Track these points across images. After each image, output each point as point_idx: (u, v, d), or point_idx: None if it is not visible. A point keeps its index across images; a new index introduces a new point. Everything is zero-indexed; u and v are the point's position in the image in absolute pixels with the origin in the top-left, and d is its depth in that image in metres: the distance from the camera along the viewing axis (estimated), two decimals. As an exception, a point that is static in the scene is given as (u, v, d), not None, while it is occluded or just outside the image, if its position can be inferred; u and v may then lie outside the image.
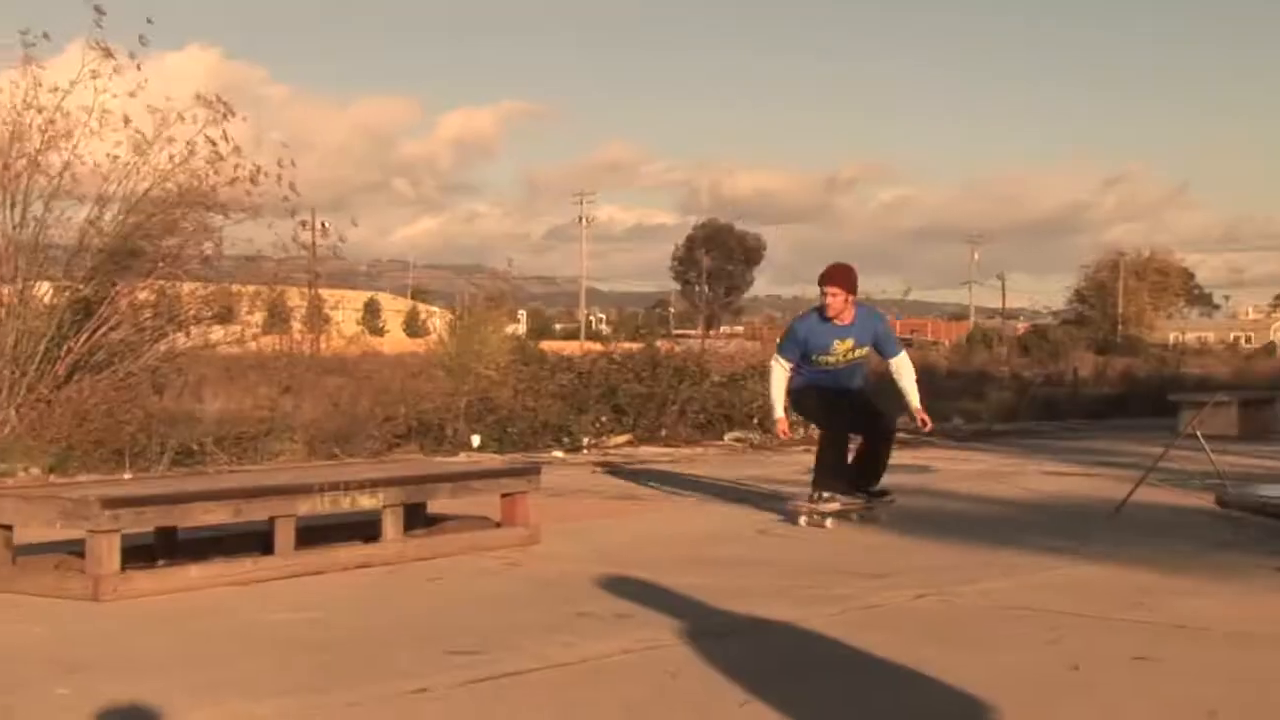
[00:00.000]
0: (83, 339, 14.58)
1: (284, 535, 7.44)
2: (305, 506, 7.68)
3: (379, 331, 72.48)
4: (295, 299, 25.64)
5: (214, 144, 15.18)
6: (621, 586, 7.19)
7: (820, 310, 9.89)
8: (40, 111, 14.60)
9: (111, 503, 6.87)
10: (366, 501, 7.98)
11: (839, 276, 9.86)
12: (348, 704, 4.86)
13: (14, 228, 14.62)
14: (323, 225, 27.54)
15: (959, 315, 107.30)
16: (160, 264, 15.49)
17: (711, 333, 75.39)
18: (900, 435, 19.14)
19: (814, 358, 9.94)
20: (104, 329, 14.81)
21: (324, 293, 32.78)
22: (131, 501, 7.08)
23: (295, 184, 15.87)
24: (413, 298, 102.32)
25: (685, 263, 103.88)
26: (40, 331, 14.22)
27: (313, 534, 7.97)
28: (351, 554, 7.92)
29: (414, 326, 79.45)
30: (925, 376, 27.19)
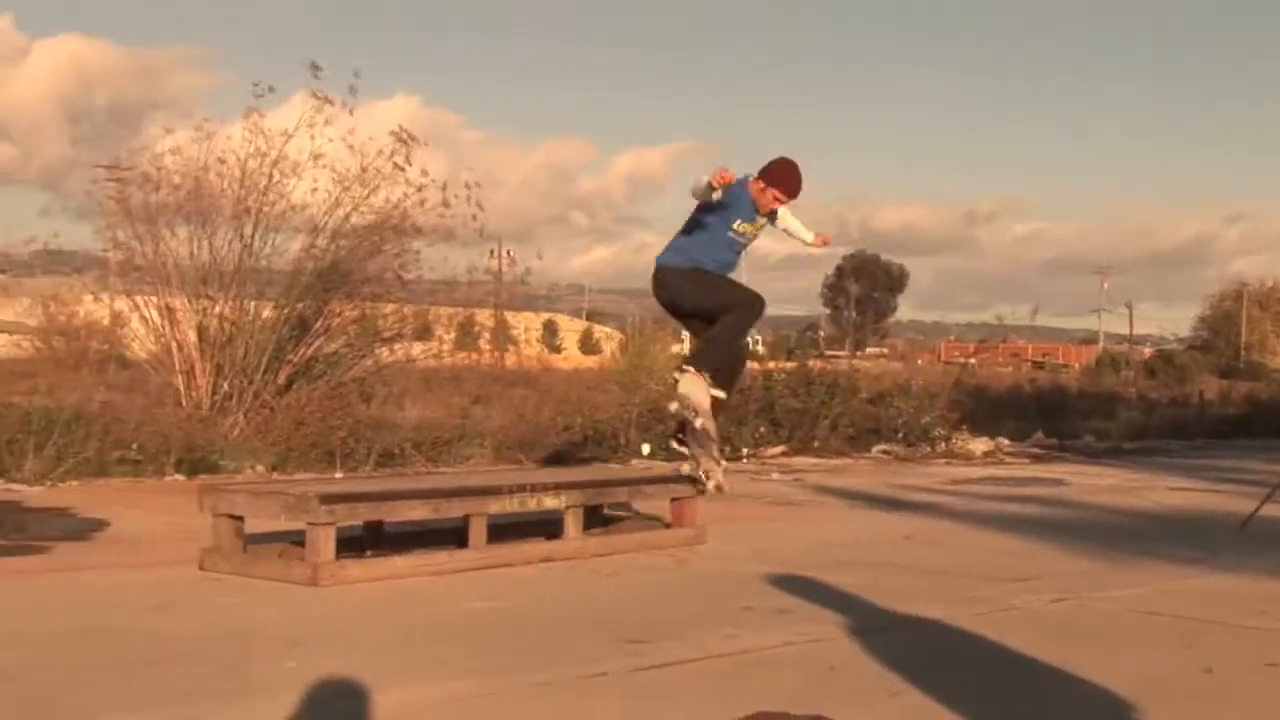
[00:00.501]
0: (300, 352, 14.99)
1: (477, 531, 7.54)
2: (496, 506, 7.77)
3: (557, 349, 73.14)
4: (483, 319, 26.01)
5: (403, 169, 15.47)
6: (781, 584, 7.16)
7: (751, 196, 8.37)
8: (265, 156, 15.06)
9: (328, 499, 7.03)
10: (550, 502, 8.05)
11: (797, 187, 8.47)
12: (536, 684, 4.91)
13: (242, 256, 15.08)
14: (508, 253, 27.78)
15: (1089, 340, 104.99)
16: (365, 285, 15.82)
17: (858, 354, 74.78)
18: (1034, 451, 18.98)
19: (735, 224, 8.38)
20: (318, 343, 15.21)
21: (508, 314, 33.16)
22: (345, 498, 7.24)
23: (484, 210, 16.05)
24: (587, 319, 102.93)
25: (834, 289, 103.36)
26: (264, 346, 14.63)
27: (502, 530, 8.04)
28: (536, 549, 7.99)
29: (589, 345, 79.98)
30: (1058, 396, 26.80)
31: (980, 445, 18.79)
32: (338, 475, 12.38)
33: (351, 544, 7.60)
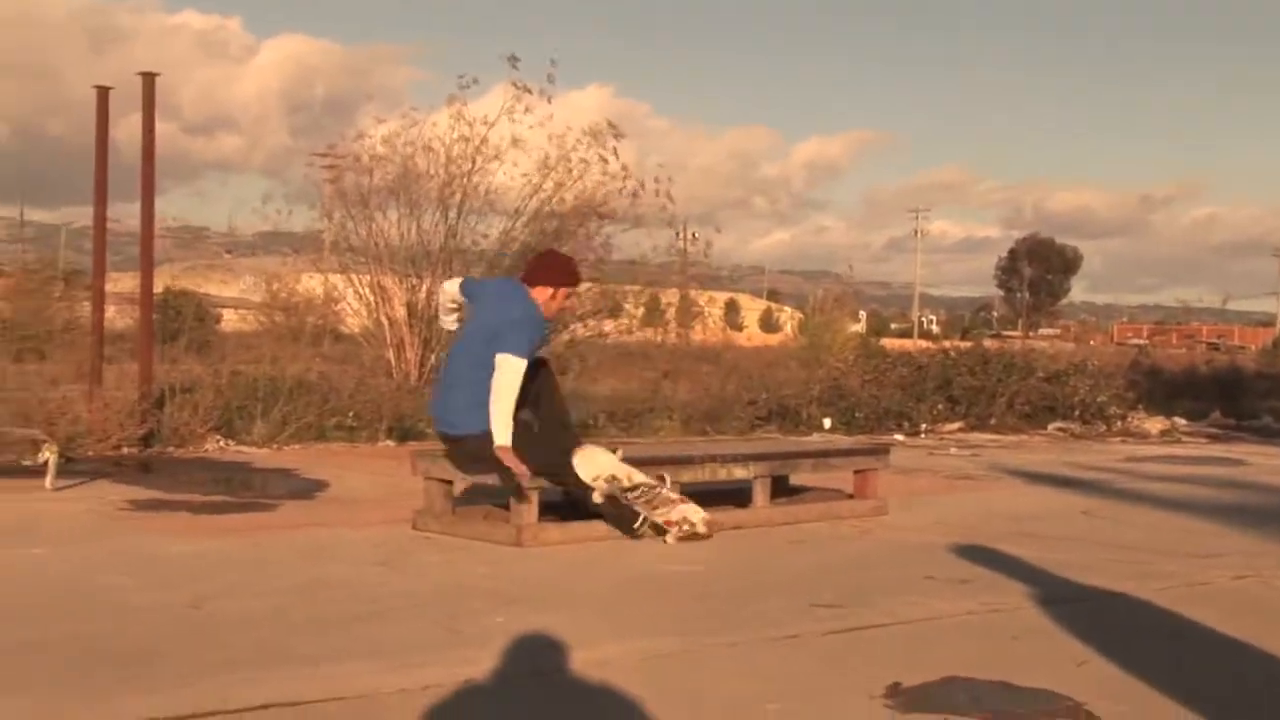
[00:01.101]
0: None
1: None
2: (688, 475, 7.78)
3: (738, 327, 72.97)
4: (669, 297, 26.09)
5: (605, 161, 15.60)
6: (962, 554, 7.05)
7: (536, 305, 7.17)
8: (468, 142, 15.33)
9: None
10: (739, 472, 8.04)
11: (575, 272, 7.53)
12: (729, 644, 4.91)
13: (447, 237, 15.39)
14: (693, 235, 27.81)
15: (1265, 323, 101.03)
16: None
17: (1031, 334, 73.11)
18: (1211, 431, 18.33)
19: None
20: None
21: (693, 293, 33.27)
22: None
23: (672, 197, 16.15)
24: (768, 299, 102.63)
25: (1008, 271, 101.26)
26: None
27: (693, 499, 8.02)
28: (727, 517, 7.98)
29: (769, 323, 79.69)
30: (1234, 377, 25.80)
31: (1156, 424, 18.21)
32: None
33: (551, 509, 7.70)
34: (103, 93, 11.36)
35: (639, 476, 7.20)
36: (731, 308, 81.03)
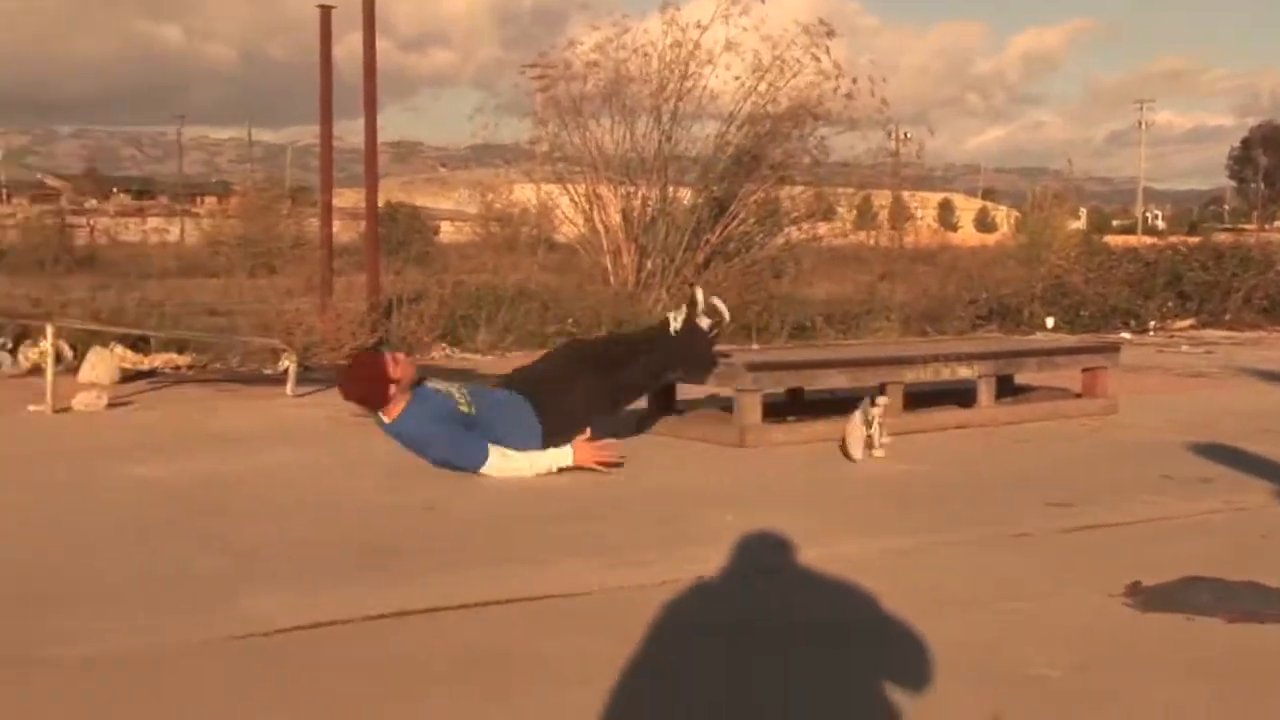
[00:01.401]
0: (716, 233, 15.22)
1: (895, 397, 7.47)
2: (911, 375, 7.71)
3: (953, 227, 71.49)
4: (882, 199, 25.62)
5: (818, 59, 15.33)
6: (1201, 452, 6.82)
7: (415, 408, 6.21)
8: (680, 47, 15.25)
9: (755, 367, 7.15)
10: (964, 372, 7.92)
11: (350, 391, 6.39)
12: (961, 542, 4.87)
13: (661, 143, 15.38)
14: (905, 135, 27.20)
15: None
16: (775, 169, 15.87)
17: (1266, 227, 69.76)
18: None
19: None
20: (733, 224, 15.40)
21: (905, 194, 32.69)
22: (770, 366, 7.35)
23: (888, 104, 15.81)
24: (983, 198, 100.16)
25: (1241, 162, 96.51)
26: (684, 227, 14.96)
27: (913, 400, 7.94)
28: (950, 417, 7.88)
29: (984, 223, 77.91)
30: None
31: None
32: (754, 347, 12.55)
33: (773, 410, 7.70)
34: (325, 11, 11.65)
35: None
36: (946, 208, 79.45)
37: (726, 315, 7.30)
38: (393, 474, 6.16)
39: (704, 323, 7.11)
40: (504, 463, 6.08)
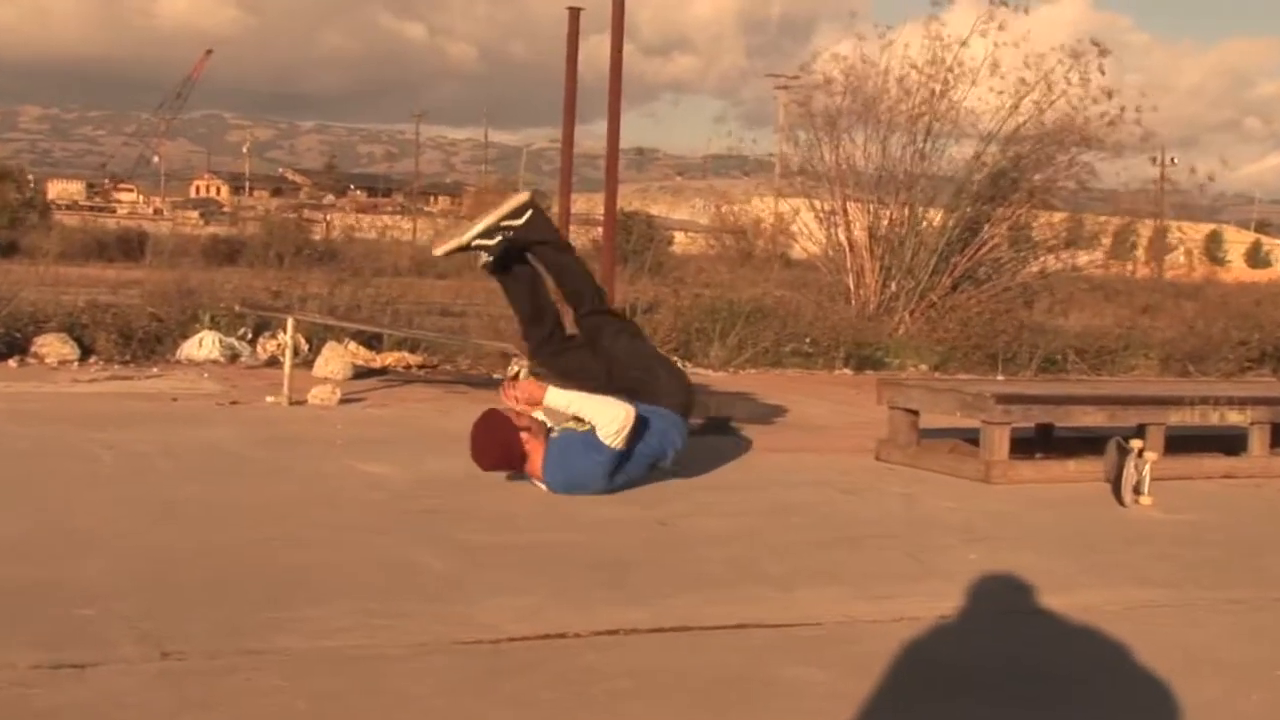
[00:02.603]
0: (967, 255, 15.01)
1: (1156, 440, 7.23)
2: (1176, 417, 7.44)
3: (1220, 262, 68.93)
4: (1143, 229, 24.83)
5: (1087, 81, 14.98)
6: None
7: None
8: (941, 63, 15.11)
9: (1004, 399, 7.01)
10: (1234, 417, 7.60)
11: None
12: (1227, 600, 4.68)
13: (914, 160, 15.26)
14: (1172, 160, 26.34)
15: None
16: (1034, 194, 15.59)
17: None
18: None
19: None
20: (985, 248, 15.16)
21: (1171, 224, 31.54)
22: (1020, 399, 7.20)
23: (1150, 127, 15.39)
24: (1256, 230, 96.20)
25: None
26: (932, 249, 14.80)
27: (1170, 445, 7.63)
28: (1217, 464, 7.58)
29: (1257, 258, 74.83)
30: None
31: None
32: (999, 377, 12.32)
33: (1020, 445, 7.54)
34: (574, 13, 11.92)
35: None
36: (1213, 240, 76.65)
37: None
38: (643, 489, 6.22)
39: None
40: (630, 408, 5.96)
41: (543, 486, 5.99)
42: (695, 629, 3.95)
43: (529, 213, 6.62)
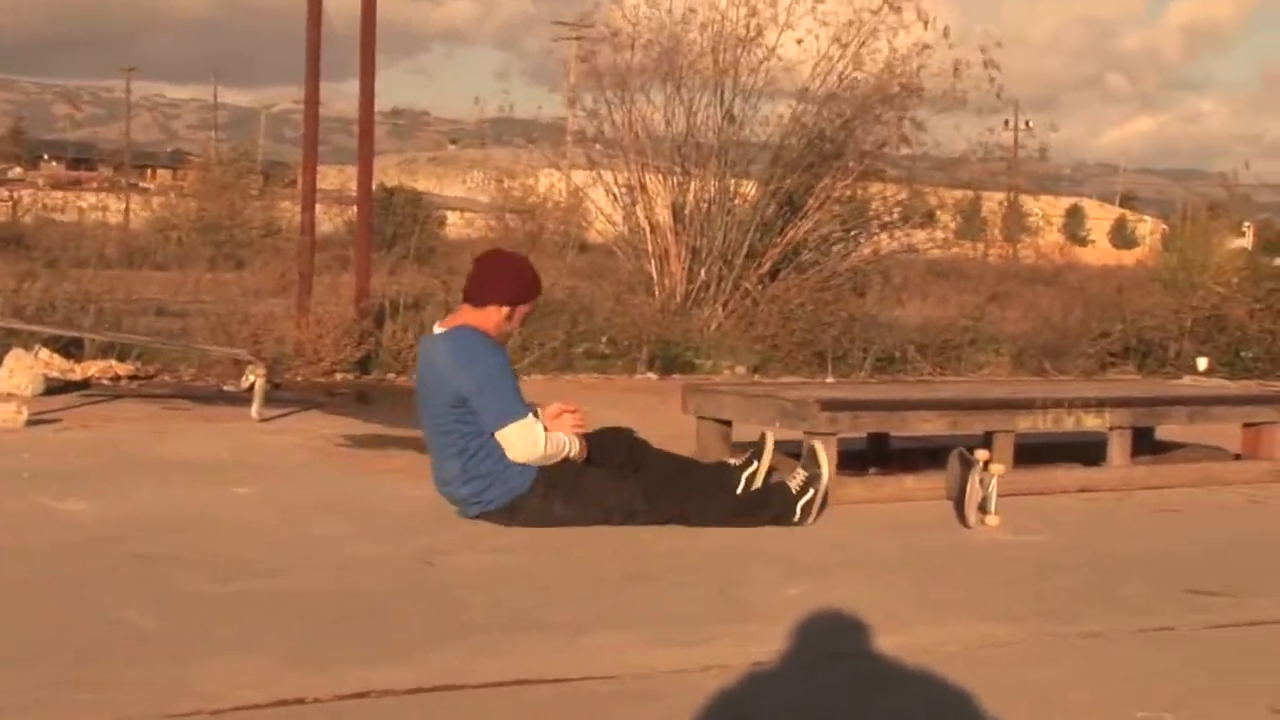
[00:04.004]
0: (787, 235, 15.24)
1: (1004, 450, 7.45)
2: (1026, 422, 7.69)
3: (1082, 241, 71.47)
4: (994, 204, 25.59)
5: (923, 23, 15.35)
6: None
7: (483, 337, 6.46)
8: (746, 2, 15.33)
9: (830, 405, 7.13)
10: (1091, 421, 7.90)
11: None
12: (1082, 634, 4.84)
13: (723, 125, 15.45)
14: (1026, 124, 27.22)
15: None
16: (861, 159, 15.88)
17: None
18: None
19: None
20: (807, 226, 15.42)
21: (1025, 198, 32.54)
22: (849, 405, 7.34)
23: (1001, 72, 15.78)
24: (1121, 205, 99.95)
25: None
26: (747, 226, 14.99)
27: (1023, 454, 7.90)
28: (1071, 477, 7.86)
29: (1123, 236, 77.73)
30: None
31: None
32: (829, 380, 12.57)
33: (850, 459, 7.69)
34: (316, -53, 11.78)
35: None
36: (1074, 216, 79.51)
37: (826, 472, 6.69)
38: (383, 518, 6.20)
39: (794, 481, 6.62)
40: (535, 434, 6.20)
41: (426, 345, 6.50)
42: (463, 687, 3.95)
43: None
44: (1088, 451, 8.17)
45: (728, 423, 7.63)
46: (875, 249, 16.42)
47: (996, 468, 6.78)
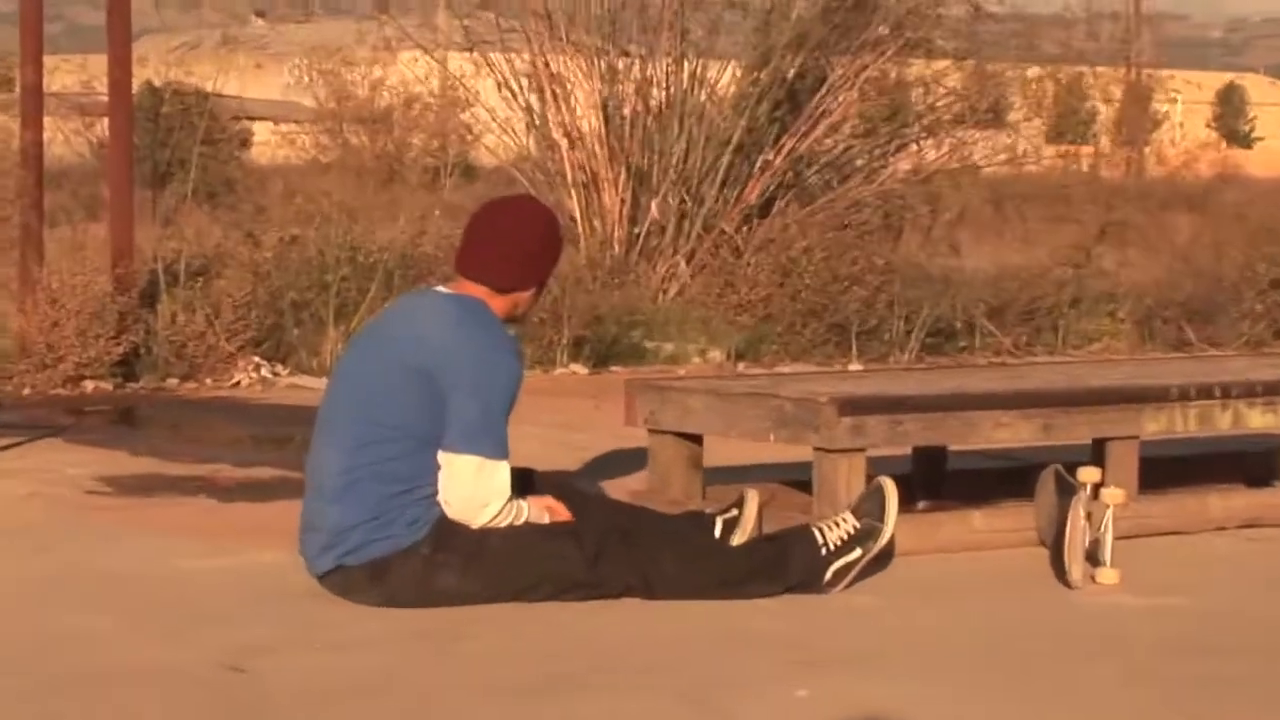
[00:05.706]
0: (783, 149, 15.19)
1: (1125, 466, 7.49)
2: (1157, 424, 7.71)
3: (1243, 140, 71.67)
4: (1102, 88, 25.66)
5: None
6: None
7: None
8: None
9: (853, 406, 7.16)
10: (1259, 420, 7.94)
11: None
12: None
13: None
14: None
15: None
16: (896, 29, 15.90)
17: None
18: None
19: None
20: (816, 133, 15.39)
21: (1153, 77, 32.73)
22: (884, 405, 7.36)
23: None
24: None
25: None
26: (723, 138, 14.91)
27: (1154, 472, 7.93)
28: (1229, 506, 7.89)
29: (1304, 132, 77.99)
30: None
31: None
32: (854, 367, 12.62)
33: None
34: None
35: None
36: (1230, 103, 79.56)
37: (891, 527, 6.68)
38: (165, 603, 6.19)
39: (832, 531, 6.64)
40: (500, 484, 6.36)
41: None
42: None
43: None
44: (1254, 467, 8.23)
45: (698, 438, 7.64)
46: (917, 164, 16.42)
47: (1113, 495, 6.80)
